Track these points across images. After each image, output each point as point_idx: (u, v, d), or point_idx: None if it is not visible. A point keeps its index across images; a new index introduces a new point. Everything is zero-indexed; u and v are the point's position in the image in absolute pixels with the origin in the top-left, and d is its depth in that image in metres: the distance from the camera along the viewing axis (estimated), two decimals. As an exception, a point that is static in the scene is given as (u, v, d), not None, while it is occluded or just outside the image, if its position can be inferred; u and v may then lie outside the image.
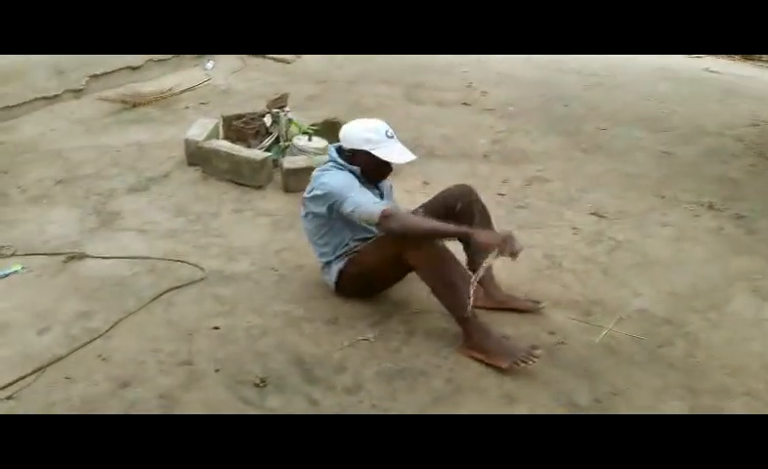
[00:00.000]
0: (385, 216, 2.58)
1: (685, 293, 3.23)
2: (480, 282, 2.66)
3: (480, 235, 2.56)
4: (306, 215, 2.89)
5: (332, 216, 2.77)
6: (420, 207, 2.98)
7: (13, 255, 3.17)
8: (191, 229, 3.52)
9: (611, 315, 2.98)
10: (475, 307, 2.61)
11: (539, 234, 3.75)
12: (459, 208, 2.92)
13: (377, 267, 2.76)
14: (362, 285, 2.88)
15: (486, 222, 2.94)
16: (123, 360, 2.49)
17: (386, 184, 2.99)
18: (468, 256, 2.92)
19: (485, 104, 6.17)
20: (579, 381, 2.53)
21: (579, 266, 3.43)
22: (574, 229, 3.83)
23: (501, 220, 3.80)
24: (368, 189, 2.81)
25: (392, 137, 2.80)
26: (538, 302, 2.97)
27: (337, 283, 2.90)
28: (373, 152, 2.76)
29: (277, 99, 4.48)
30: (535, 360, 2.49)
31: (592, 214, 4.04)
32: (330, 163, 2.85)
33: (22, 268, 3.06)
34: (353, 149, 2.79)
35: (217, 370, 2.47)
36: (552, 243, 3.64)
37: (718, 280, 3.35)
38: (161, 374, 2.43)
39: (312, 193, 2.81)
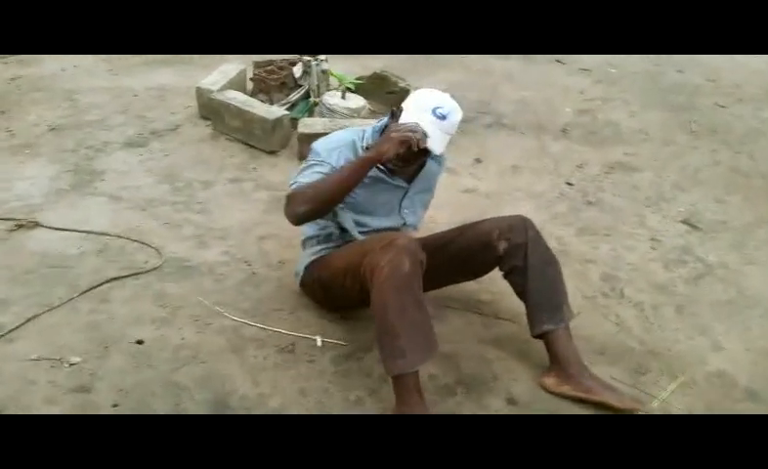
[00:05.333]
0: (287, 198, 2.14)
1: (788, 354, 2.37)
2: (556, 360, 2.12)
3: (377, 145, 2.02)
4: None
5: None
6: (443, 235, 2.32)
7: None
8: (171, 199, 2.97)
9: (672, 375, 2.20)
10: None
11: (606, 243, 2.93)
12: (505, 249, 2.18)
13: (337, 274, 2.13)
14: (321, 291, 2.29)
15: (547, 277, 2.17)
16: (11, 375, 1.99)
17: (422, 186, 2.34)
18: (528, 313, 2.20)
19: (582, 62, 5.21)
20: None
21: (647, 296, 2.62)
22: (653, 241, 2.99)
23: (559, 219, 3.03)
24: (393, 181, 2.23)
25: (442, 118, 2.05)
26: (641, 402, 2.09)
27: (303, 277, 2.35)
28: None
29: (312, 45, 3.79)
30: None
31: (682, 222, 3.15)
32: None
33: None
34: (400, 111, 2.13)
35: (114, 406, 1.92)
36: (619, 259, 2.83)
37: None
38: (46, 403, 1.91)
39: None
